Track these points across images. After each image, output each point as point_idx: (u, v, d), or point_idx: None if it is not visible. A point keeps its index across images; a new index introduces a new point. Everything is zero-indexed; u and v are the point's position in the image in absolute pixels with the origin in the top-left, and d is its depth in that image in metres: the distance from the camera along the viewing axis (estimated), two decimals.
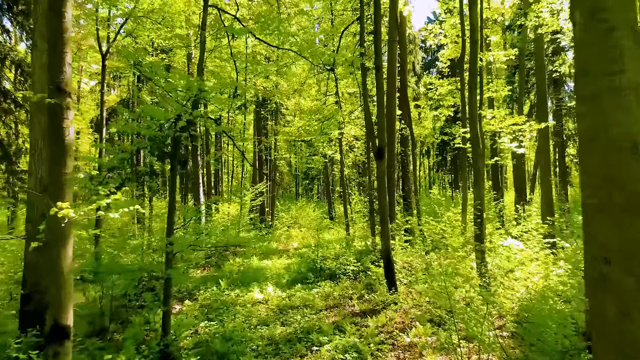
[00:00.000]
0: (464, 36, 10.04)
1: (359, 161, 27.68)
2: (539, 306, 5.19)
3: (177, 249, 4.33)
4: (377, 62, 7.33)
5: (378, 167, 7.11)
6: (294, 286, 8.47)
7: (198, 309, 7.00)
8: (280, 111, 17.94)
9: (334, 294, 7.54)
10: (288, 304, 7.27)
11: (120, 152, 4.47)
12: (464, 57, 10.39)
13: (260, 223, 16.44)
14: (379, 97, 6.90)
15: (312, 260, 9.92)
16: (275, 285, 8.63)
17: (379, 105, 7.04)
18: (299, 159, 29.68)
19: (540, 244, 9.07)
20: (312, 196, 31.26)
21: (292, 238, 15.45)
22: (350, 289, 7.69)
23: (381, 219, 7.16)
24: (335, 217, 19.96)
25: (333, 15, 11.57)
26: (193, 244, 4.53)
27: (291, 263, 10.87)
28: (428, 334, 5.41)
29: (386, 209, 7.12)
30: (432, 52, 32.24)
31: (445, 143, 29.06)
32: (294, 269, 9.93)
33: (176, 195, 4.74)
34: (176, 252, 4.65)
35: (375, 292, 7.43)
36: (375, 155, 7.06)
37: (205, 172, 16.69)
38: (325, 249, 11.40)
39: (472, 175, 10.29)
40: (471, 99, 7.06)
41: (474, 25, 7.04)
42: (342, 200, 25.14)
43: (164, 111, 4.42)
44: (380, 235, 7.33)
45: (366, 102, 7.05)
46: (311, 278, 8.94)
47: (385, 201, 7.11)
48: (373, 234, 11.17)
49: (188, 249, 4.53)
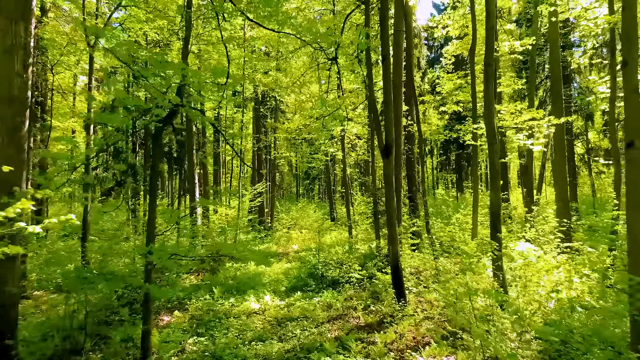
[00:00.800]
0: (475, 26, 9.43)
1: (361, 160, 27.06)
2: (575, 322, 4.58)
3: (157, 259, 3.73)
4: (385, 52, 6.72)
5: (385, 165, 6.49)
6: (294, 294, 7.86)
7: (188, 321, 6.39)
8: (280, 108, 17.33)
9: (337, 304, 6.92)
10: (287, 315, 6.66)
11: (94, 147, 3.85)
12: (474, 49, 9.78)
13: (259, 225, 15.83)
14: (386, 89, 6.27)
15: (312, 265, 9.31)
16: (273, 293, 8.02)
17: (386, 98, 6.42)
18: (299, 158, 29.08)
19: (559, 248, 8.46)
20: (313, 196, 30.65)
21: (292, 240, 14.84)
22: (355, 299, 7.07)
23: (388, 222, 6.54)
24: (336, 218, 19.35)
25: (334, 5, 10.95)
26: (175, 253, 3.92)
27: (291, 268, 10.26)
28: (444, 353, 4.79)
29: (394, 211, 6.50)
30: (436, 50, 31.58)
31: (449, 142, 28.43)
32: (293, 275, 9.32)
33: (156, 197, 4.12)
34: (157, 264, 4.04)
35: (382, 302, 6.81)
36: (382, 153, 6.44)
37: (203, 172, 16.09)
38: (327, 252, 10.79)
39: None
40: (487, 91, 6.43)
41: (490, 10, 6.42)
42: (343, 201, 24.55)
43: (139, 100, 3.80)
44: (388, 239, 6.71)
45: (372, 93, 6.42)
46: (312, 285, 8.32)
47: (393, 203, 6.49)
48: (378, 237, 10.55)
49: (170, 259, 3.91)
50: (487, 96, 6.49)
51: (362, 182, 24.32)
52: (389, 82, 6.45)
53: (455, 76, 11.96)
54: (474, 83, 9.57)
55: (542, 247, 8.52)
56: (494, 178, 6.58)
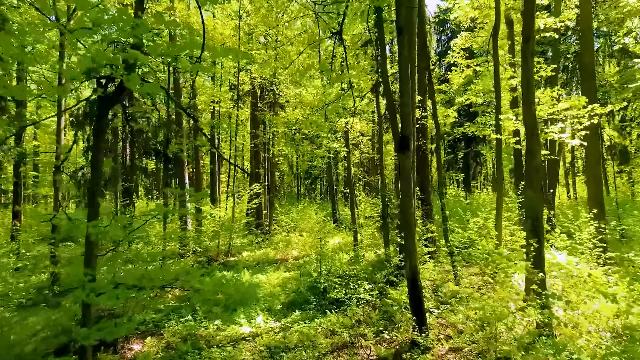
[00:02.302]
0: (499, 4, 8.27)
1: (365, 159, 25.89)
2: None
3: (86, 296, 2.60)
4: (399, 23, 5.57)
5: (401, 162, 5.32)
6: (291, 313, 6.71)
7: (161, 351, 5.26)
8: (279, 103, 16.18)
9: (343, 333, 5.71)
10: (282, 342, 5.51)
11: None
12: (497, 30, 8.60)
13: (257, 228, 14.68)
14: (402, 67, 5.12)
15: (314, 279, 8.15)
16: (268, 311, 6.87)
17: (403, 80, 5.26)
18: (300, 156, 27.92)
19: (600, 258, 7.28)
20: (314, 197, 29.47)
21: (291, 245, 13.69)
22: (364, 323, 5.89)
23: (405, 230, 5.38)
24: (339, 219, 18.18)
25: None
26: (120, 282, 2.79)
27: (289, 278, 9.12)
28: None
29: (412, 217, 5.34)
30: (443, 44, 30.41)
31: (457, 140, 27.22)
32: (291, 288, 8.18)
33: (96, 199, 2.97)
34: (99, 294, 2.90)
35: (397, 326, 5.66)
36: (398, 147, 5.29)
37: (195, 172, 14.96)
38: (329, 261, 9.64)
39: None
40: (526, 71, 5.26)
41: None
42: (346, 201, 23.35)
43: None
44: (405, 251, 5.56)
45: (385, 72, 5.26)
46: (312, 302, 7.17)
47: (411, 207, 5.33)
48: (387, 244, 9.38)
49: (117, 289, 2.77)
50: (526, 77, 5.31)
51: (367, 182, 23.16)
52: (405, 61, 5.28)
53: (474, 62, 10.73)
54: (497, 70, 8.40)
55: (579, 256, 7.36)
56: (530, 176, 5.41)
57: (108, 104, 3.18)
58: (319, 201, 25.95)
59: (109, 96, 3.19)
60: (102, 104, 3.16)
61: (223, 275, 9.43)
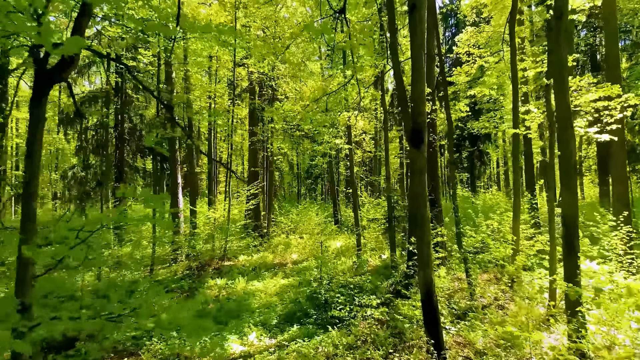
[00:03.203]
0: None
1: (367, 158, 25.15)
2: None
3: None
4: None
5: (413, 158, 4.60)
6: (288, 328, 6.00)
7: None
8: (278, 99, 15.48)
9: (347, 357, 4.97)
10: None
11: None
12: (515, 14, 7.87)
13: (254, 230, 13.96)
14: (415, 44, 4.40)
15: (314, 289, 7.43)
16: (262, 326, 6.17)
17: (416, 59, 4.53)
18: (300, 154, 27.23)
19: (631, 266, 6.56)
20: (315, 197, 28.76)
21: (291, 248, 12.98)
22: (370, 343, 5.15)
23: (419, 237, 4.66)
24: (341, 220, 17.46)
25: None
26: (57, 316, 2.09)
27: (287, 285, 8.42)
28: None
29: (427, 222, 4.63)
30: (446, 41, 29.69)
31: (462, 139, 26.45)
32: (289, 298, 7.47)
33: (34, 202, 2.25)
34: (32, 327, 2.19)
35: (408, 345, 4.94)
36: (410, 141, 4.57)
37: (188, 171, 14.27)
38: (331, 266, 8.93)
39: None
40: (560, 52, 4.53)
41: None
42: (348, 202, 22.61)
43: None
44: (417, 260, 4.85)
45: (396, 56, 4.54)
46: (312, 315, 6.45)
47: (426, 209, 4.61)
48: (393, 248, 8.67)
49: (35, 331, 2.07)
50: (559, 61, 4.58)
51: (369, 182, 22.42)
52: (417, 39, 4.56)
53: (487, 51, 9.99)
54: (514, 59, 7.68)
55: (607, 264, 6.64)
56: (565, 176, 4.69)
57: (48, 83, 2.48)
58: (320, 201, 25.24)
59: (49, 72, 2.50)
60: (39, 83, 2.46)
61: (215, 283, 8.74)
